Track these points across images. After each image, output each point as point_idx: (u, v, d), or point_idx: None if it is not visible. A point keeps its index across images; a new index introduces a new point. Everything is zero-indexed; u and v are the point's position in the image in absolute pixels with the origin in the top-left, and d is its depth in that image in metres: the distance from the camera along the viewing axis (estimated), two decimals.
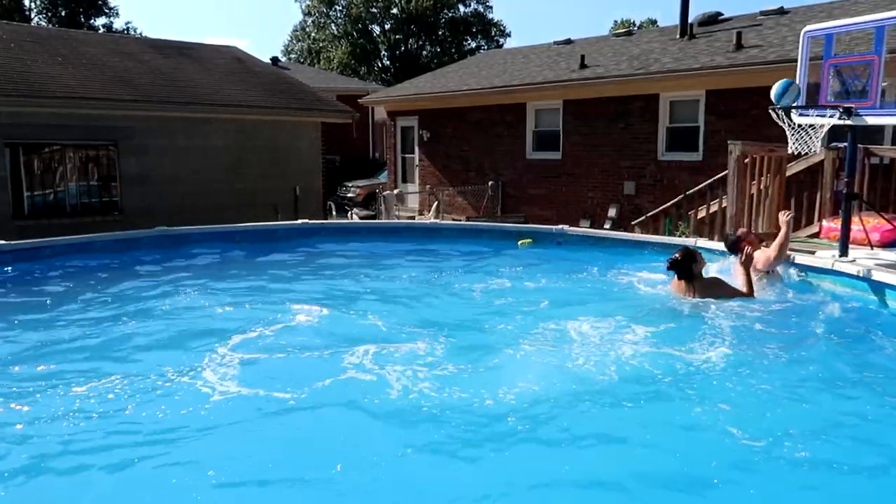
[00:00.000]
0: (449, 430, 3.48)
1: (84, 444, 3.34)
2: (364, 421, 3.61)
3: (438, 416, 3.65)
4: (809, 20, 12.60)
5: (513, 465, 3.21)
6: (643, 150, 14.03)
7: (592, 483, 3.05)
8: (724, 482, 3.03)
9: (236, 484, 3.01)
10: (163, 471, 3.10)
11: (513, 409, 3.72)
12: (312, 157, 15.39)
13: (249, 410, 3.73)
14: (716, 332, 5.04)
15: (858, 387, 4.17)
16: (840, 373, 4.38)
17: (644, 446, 3.37)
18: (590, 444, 3.43)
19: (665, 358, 4.51)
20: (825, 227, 8.59)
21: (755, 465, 3.15)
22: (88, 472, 3.08)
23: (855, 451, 3.36)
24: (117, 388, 3.96)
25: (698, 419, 3.66)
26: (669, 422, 3.65)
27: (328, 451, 3.30)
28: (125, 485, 3.00)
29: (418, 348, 4.71)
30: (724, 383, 4.15)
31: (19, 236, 8.76)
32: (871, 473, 3.19)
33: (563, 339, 4.92)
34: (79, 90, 12.61)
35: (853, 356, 4.67)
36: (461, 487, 3.03)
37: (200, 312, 5.64)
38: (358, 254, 8.48)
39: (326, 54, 47.81)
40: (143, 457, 3.19)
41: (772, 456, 3.22)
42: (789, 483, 3.06)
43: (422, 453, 3.30)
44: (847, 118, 6.39)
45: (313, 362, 4.47)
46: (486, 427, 3.53)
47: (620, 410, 3.78)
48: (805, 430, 3.52)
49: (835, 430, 3.57)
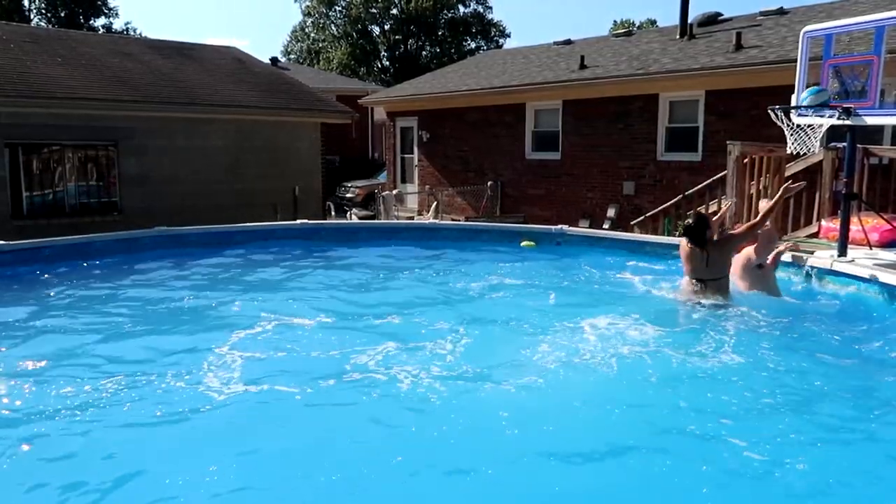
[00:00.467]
0: (450, 429, 3.48)
1: (84, 443, 3.34)
2: (364, 421, 3.61)
3: (439, 414, 3.65)
4: (809, 20, 12.60)
5: (514, 469, 3.20)
6: (642, 150, 14.03)
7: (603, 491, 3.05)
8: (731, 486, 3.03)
9: (231, 484, 3.00)
10: (162, 470, 3.09)
11: (513, 409, 3.72)
12: (312, 157, 15.39)
13: (249, 409, 3.73)
14: (714, 332, 5.05)
15: (859, 386, 4.17)
16: (839, 373, 4.38)
17: (658, 452, 3.34)
18: (590, 448, 3.43)
19: (663, 358, 4.51)
20: (824, 227, 8.59)
21: (755, 471, 3.15)
22: (87, 472, 3.08)
23: (859, 454, 3.36)
24: (116, 389, 3.96)
25: (693, 419, 3.67)
26: (667, 425, 3.66)
27: (328, 451, 3.30)
28: (124, 483, 3.00)
29: (418, 347, 4.72)
30: (723, 386, 4.16)
31: (18, 236, 8.76)
32: (871, 475, 3.19)
33: (562, 338, 4.92)
34: (79, 90, 12.61)
35: (853, 356, 4.66)
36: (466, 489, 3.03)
37: (200, 312, 5.64)
38: (357, 254, 8.48)
39: (326, 55, 47.81)
40: (142, 456, 3.19)
41: (776, 461, 3.22)
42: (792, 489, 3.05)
43: (422, 455, 3.30)
44: (846, 118, 6.40)
45: (313, 362, 4.47)
46: (488, 426, 3.54)
47: (618, 412, 3.78)
48: (807, 434, 3.52)
49: (836, 433, 3.58)
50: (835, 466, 3.20)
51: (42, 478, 3.05)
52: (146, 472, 3.07)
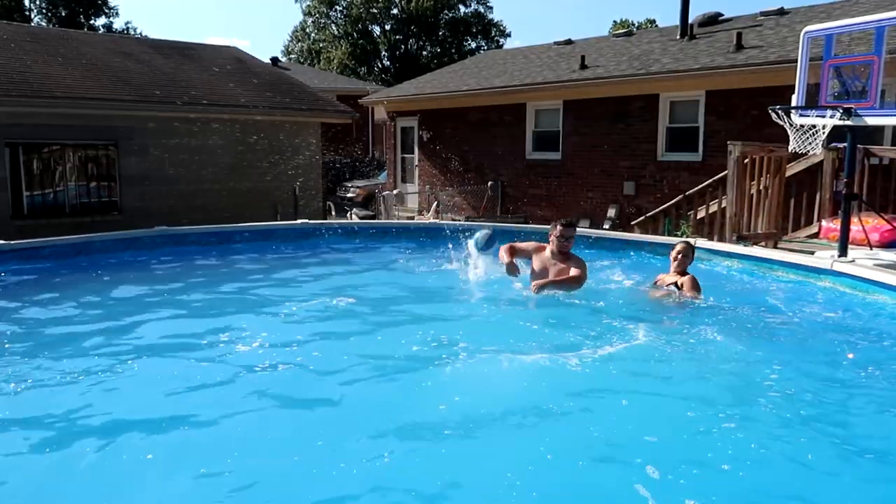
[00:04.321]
0: (451, 429, 3.48)
1: (83, 443, 3.34)
2: (364, 421, 3.61)
3: (438, 416, 3.65)
4: (809, 21, 12.61)
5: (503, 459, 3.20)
6: (643, 150, 14.04)
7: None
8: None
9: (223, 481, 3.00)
10: (161, 470, 3.09)
11: (511, 407, 3.72)
12: (312, 157, 15.39)
13: (248, 408, 3.72)
14: (714, 331, 5.05)
15: (857, 387, 4.16)
16: (840, 374, 4.38)
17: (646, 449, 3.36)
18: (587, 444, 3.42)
19: (661, 357, 4.52)
20: (824, 227, 8.60)
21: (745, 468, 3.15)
22: (88, 471, 3.08)
23: (857, 453, 3.36)
24: (115, 389, 3.96)
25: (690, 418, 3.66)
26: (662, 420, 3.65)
27: (328, 452, 3.29)
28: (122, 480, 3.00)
29: (414, 348, 4.71)
30: (722, 386, 4.16)
31: (18, 236, 8.76)
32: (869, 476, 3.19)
33: (560, 338, 4.93)
34: (79, 90, 12.61)
35: (853, 356, 4.66)
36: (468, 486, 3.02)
37: (199, 312, 5.64)
38: (357, 254, 8.48)
39: (326, 55, 47.83)
40: (143, 455, 3.18)
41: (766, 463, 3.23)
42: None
43: (422, 458, 3.30)
44: (847, 118, 6.40)
45: (311, 362, 4.47)
46: (487, 427, 3.53)
47: (616, 409, 3.78)
48: (805, 434, 3.52)
49: (835, 431, 3.57)
50: (831, 463, 3.21)
51: (43, 473, 3.04)
52: (142, 472, 3.06)
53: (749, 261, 7.27)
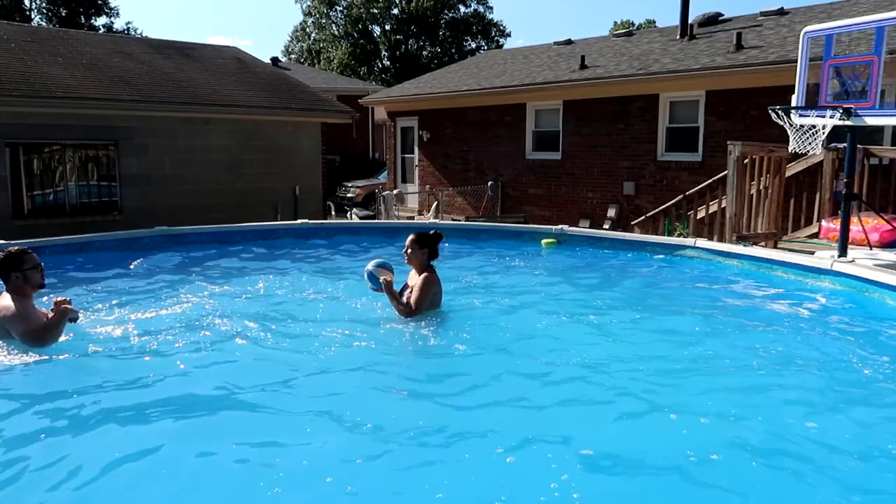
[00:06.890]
0: (452, 427, 3.48)
1: (83, 442, 3.35)
2: (364, 422, 3.61)
3: (440, 414, 3.65)
4: (809, 21, 12.62)
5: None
6: (643, 150, 14.04)
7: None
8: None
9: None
10: (160, 469, 3.10)
11: (512, 407, 3.73)
12: (312, 157, 15.39)
13: (248, 408, 3.73)
14: (715, 327, 5.05)
15: (858, 387, 4.16)
16: (839, 374, 4.38)
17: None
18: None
19: (662, 355, 4.52)
20: (824, 227, 8.60)
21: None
22: (85, 471, 3.08)
23: (858, 453, 3.36)
24: (114, 388, 3.96)
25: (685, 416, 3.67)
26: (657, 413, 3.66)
27: (327, 454, 3.30)
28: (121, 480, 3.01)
29: (412, 347, 4.71)
30: (721, 386, 4.16)
31: (19, 236, 8.77)
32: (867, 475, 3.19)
33: (559, 339, 4.93)
34: (79, 90, 12.61)
35: (852, 356, 4.66)
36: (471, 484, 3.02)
37: (200, 312, 5.64)
38: (357, 254, 8.47)
39: (327, 55, 47.85)
40: (142, 453, 3.19)
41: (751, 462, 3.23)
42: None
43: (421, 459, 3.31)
44: (847, 119, 6.41)
45: (314, 362, 4.47)
46: (489, 425, 3.54)
47: (613, 405, 3.78)
48: (802, 433, 3.52)
49: (836, 431, 3.57)
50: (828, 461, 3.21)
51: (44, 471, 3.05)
52: (142, 472, 3.06)
53: (749, 261, 7.28)
